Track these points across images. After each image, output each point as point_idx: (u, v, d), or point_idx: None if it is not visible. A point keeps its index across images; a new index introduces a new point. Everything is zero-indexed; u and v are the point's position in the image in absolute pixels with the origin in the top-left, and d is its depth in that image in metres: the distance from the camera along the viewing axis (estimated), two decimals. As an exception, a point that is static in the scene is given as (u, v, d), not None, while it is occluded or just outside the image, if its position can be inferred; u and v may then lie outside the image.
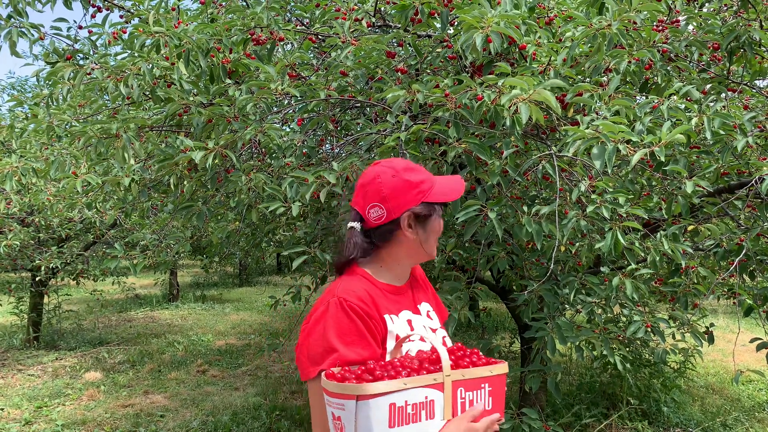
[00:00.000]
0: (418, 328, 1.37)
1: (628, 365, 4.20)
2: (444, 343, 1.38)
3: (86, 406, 5.17)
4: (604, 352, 3.07)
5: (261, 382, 5.95)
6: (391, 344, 1.28)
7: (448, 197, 1.39)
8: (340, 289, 1.30)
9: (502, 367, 1.22)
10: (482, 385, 1.18)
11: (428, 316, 1.45)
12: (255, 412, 4.90)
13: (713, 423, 4.58)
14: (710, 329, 3.20)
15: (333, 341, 1.21)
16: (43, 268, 6.35)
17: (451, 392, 1.14)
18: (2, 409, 5.02)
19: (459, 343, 1.35)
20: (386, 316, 1.31)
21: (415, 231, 1.38)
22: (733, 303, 2.88)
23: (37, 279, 7.09)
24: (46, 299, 7.64)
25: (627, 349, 4.57)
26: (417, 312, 1.42)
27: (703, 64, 2.84)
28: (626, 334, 3.03)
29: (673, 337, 3.55)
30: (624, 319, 3.39)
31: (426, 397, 1.11)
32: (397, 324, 1.32)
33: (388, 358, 1.27)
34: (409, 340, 1.30)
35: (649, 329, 2.85)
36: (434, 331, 1.42)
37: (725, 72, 2.80)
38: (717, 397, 5.37)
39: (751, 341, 2.86)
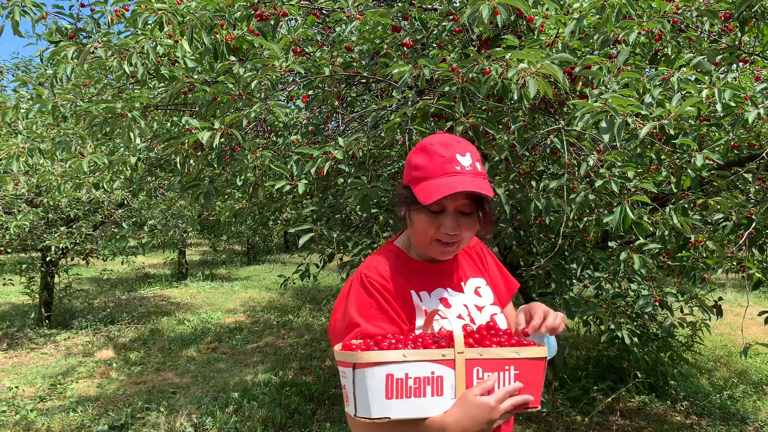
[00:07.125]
0: (457, 306, 1.31)
1: (635, 339, 4.21)
2: (492, 320, 1.33)
3: (99, 383, 5.25)
4: (612, 326, 3.08)
5: (271, 359, 6.02)
6: (420, 321, 1.26)
7: (428, 198, 1.21)
8: (364, 265, 1.31)
9: (534, 351, 1.13)
10: (506, 368, 1.11)
11: (476, 293, 1.38)
12: (265, 388, 4.96)
13: (721, 396, 4.60)
14: (719, 303, 3.20)
15: (354, 317, 1.22)
16: (53, 248, 6.41)
17: (465, 371, 1.09)
18: (17, 387, 5.10)
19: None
20: (413, 293, 1.28)
21: (407, 214, 1.31)
22: (742, 277, 2.87)
23: (47, 259, 7.17)
24: (56, 279, 7.72)
25: (635, 323, 4.58)
26: (459, 290, 1.36)
27: (714, 35, 2.78)
28: (634, 309, 3.03)
29: (681, 311, 3.56)
30: (632, 293, 3.39)
31: (432, 373, 1.07)
32: (426, 301, 1.29)
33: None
34: (441, 317, 1.25)
35: (657, 303, 2.85)
36: (480, 309, 1.35)
37: (737, 42, 2.75)
38: (725, 370, 5.38)
39: (760, 314, 2.86)
